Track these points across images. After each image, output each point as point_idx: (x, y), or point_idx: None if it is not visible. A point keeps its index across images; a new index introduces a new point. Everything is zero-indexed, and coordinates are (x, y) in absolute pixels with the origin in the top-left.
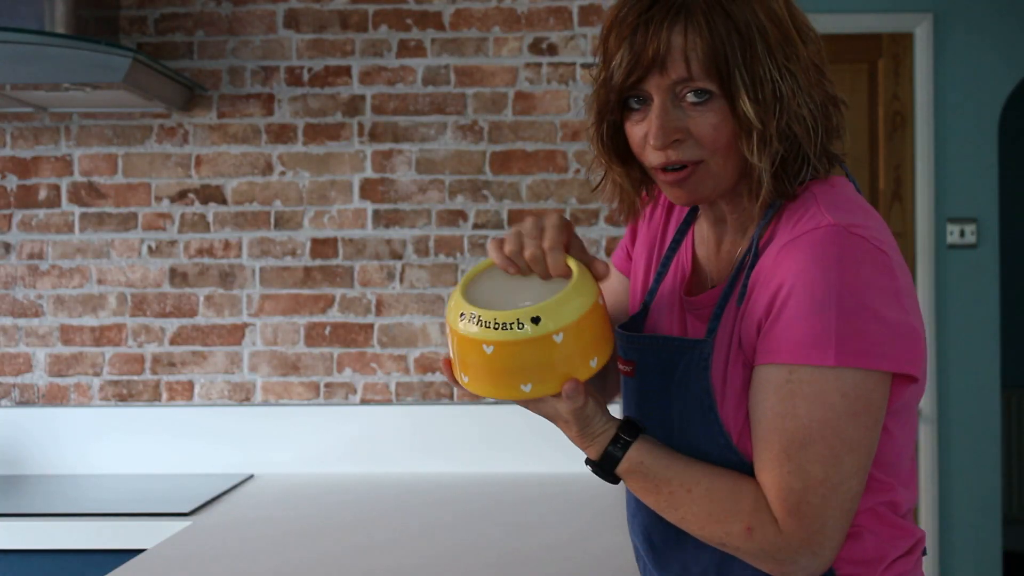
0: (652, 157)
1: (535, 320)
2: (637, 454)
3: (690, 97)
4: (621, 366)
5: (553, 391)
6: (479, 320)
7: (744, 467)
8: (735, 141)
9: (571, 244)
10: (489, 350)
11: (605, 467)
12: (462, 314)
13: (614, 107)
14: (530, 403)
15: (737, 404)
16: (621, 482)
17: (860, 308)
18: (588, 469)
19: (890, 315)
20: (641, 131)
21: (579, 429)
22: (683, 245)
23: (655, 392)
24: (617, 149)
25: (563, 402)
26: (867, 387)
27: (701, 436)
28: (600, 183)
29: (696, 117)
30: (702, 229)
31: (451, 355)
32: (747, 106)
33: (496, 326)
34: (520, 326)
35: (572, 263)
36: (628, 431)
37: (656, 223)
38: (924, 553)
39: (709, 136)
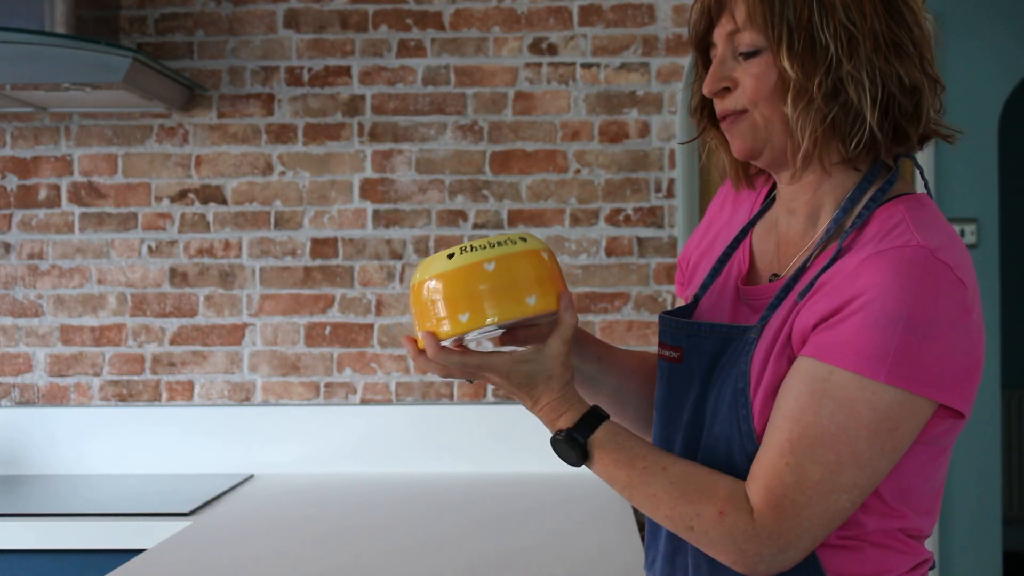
0: (715, 107)
1: (523, 239)
2: (612, 426)
3: (743, 49)
4: (667, 352)
5: (552, 306)
6: (471, 248)
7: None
8: (777, 94)
9: None
10: (491, 267)
11: (578, 437)
12: (450, 254)
13: (700, 65)
14: (514, 369)
15: (769, 395)
16: (583, 466)
17: (926, 336)
18: (562, 441)
19: (953, 349)
20: None
21: (561, 385)
22: (741, 246)
23: (698, 378)
24: (711, 113)
25: (549, 339)
26: (901, 411)
27: (727, 419)
28: (693, 139)
29: (745, 68)
30: (767, 223)
31: (432, 315)
32: (785, 58)
33: (492, 245)
34: (513, 243)
35: None
36: (600, 412)
37: (713, 232)
38: (933, 566)
39: (751, 85)
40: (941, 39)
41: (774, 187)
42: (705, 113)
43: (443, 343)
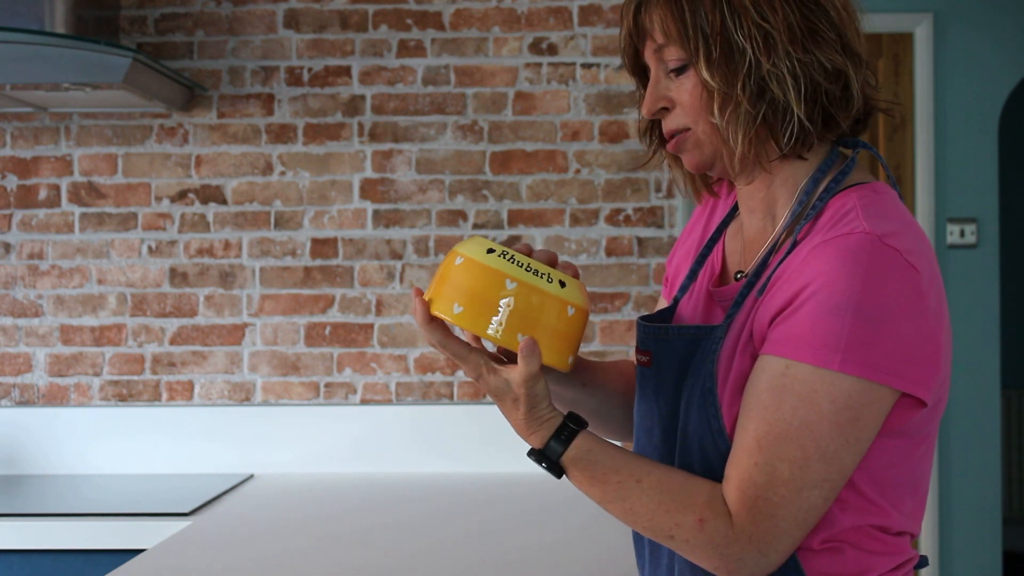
0: (662, 127)
1: (562, 284)
2: (584, 442)
3: (671, 66)
4: (640, 356)
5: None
6: (514, 259)
7: None
8: (708, 105)
9: None
10: (511, 286)
11: (551, 455)
12: (491, 249)
13: (637, 82)
14: (483, 375)
15: (736, 393)
16: (563, 477)
17: (877, 321)
18: (536, 462)
19: (907, 334)
20: None
21: (527, 410)
22: (716, 247)
23: (670, 380)
24: (660, 132)
25: (516, 367)
26: (861, 400)
27: (697, 419)
28: (649, 159)
29: (678, 85)
30: (736, 224)
31: (443, 285)
32: (703, 69)
33: (529, 269)
34: (550, 280)
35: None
36: (574, 421)
37: (694, 237)
38: (926, 563)
39: (687, 103)
40: (941, 39)
41: None
42: (655, 133)
43: (433, 313)
